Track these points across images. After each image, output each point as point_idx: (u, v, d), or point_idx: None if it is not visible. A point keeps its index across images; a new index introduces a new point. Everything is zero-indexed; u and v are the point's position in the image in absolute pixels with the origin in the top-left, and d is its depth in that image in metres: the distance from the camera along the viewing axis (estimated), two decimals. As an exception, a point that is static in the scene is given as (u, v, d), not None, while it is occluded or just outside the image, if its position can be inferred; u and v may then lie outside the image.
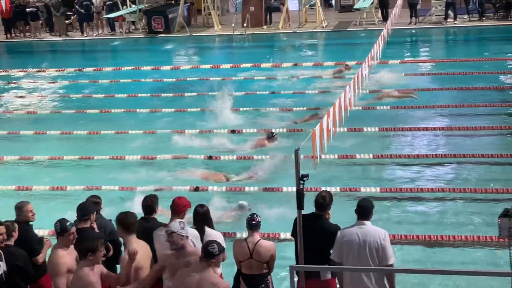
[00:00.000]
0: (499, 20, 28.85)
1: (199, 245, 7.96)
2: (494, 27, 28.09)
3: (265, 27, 30.80)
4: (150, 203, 8.28)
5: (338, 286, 7.94)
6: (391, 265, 7.54)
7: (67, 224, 7.56)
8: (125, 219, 7.78)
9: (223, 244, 8.23)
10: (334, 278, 7.96)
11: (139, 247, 7.61)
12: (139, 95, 20.49)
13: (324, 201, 8.07)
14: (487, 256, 10.23)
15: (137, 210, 8.62)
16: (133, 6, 32.25)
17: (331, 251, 7.79)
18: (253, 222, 8.17)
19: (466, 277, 9.38)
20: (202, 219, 8.25)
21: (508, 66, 21.49)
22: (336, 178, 13.25)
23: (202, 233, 8.10)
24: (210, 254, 7.11)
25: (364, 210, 7.69)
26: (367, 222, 7.64)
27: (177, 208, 8.06)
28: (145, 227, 8.10)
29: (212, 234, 8.21)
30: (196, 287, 7.08)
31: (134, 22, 32.34)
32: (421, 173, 13.42)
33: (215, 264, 7.22)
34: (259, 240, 8.16)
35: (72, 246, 7.60)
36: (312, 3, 32.03)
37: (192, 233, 7.98)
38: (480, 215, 11.47)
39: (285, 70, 22.55)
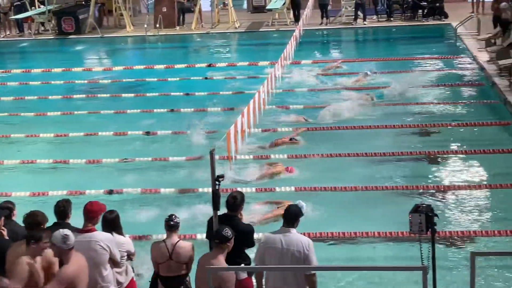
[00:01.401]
0: (406, 20, 29.64)
1: (115, 250, 7.87)
2: (402, 27, 28.85)
3: (178, 28, 30.67)
4: (63, 208, 8.11)
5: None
6: (314, 274, 7.50)
7: None
8: (26, 219, 7.64)
9: (132, 250, 8.18)
10: (250, 277, 8.02)
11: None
12: (50, 97, 20.05)
13: (235, 201, 8.08)
14: (398, 251, 10.49)
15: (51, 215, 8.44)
16: (42, 6, 31.48)
17: (253, 255, 7.82)
18: (172, 223, 8.12)
19: (379, 272, 9.59)
20: (110, 225, 8.15)
21: (411, 65, 22.02)
22: (251, 178, 13.31)
23: None
24: (225, 238, 7.28)
25: (291, 217, 7.61)
26: (293, 230, 7.56)
27: (89, 214, 7.92)
28: (59, 232, 7.94)
29: (120, 240, 8.13)
30: (203, 271, 7.17)
31: (43, 23, 31.55)
32: (334, 171, 13.60)
33: (228, 249, 7.39)
34: (178, 241, 8.13)
35: None
36: (225, 3, 32.08)
37: (107, 237, 7.89)
38: (391, 211, 11.72)
39: (199, 71, 22.54)
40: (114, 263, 7.93)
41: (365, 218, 11.60)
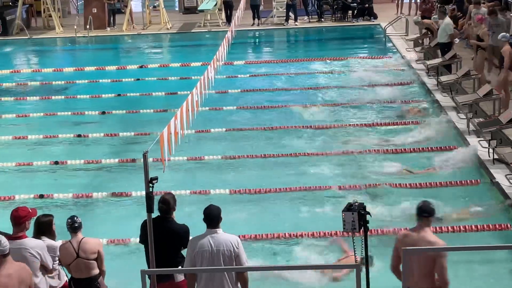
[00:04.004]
0: (336, 21, 30.04)
1: (46, 257, 7.72)
2: (332, 28, 29.21)
3: (108, 29, 30.32)
4: None
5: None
6: (246, 271, 7.51)
7: None
8: None
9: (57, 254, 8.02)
10: (186, 279, 7.98)
11: None
12: (-23, 100, 19.61)
13: (168, 206, 8.04)
14: (333, 250, 10.60)
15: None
16: (-33, 7, 30.73)
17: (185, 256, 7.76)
18: (76, 225, 8.09)
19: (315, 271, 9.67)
20: (42, 228, 8.04)
21: (342, 65, 22.31)
22: (185, 180, 13.27)
23: None
24: (434, 211, 7.47)
25: (212, 218, 7.55)
26: (219, 230, 7.54)
27: (17, 221, 7.72)
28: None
29: (52, 245, 8.02)
30: (413, 245, 7.24)
31: (-32, 24, 30.78)
32: (270, 173, 13.65)
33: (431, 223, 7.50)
34: (82, 238, 8.08)
35: None
36: (156, 4, 31.88)
37: (38, 244, 7.73)
38: (323, 210, 11.84)
39: (131, 73, 22.35)
40: (46, 269, 7.79)
41: (303, 217, 11.69)
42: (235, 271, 7.49)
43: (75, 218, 8.12)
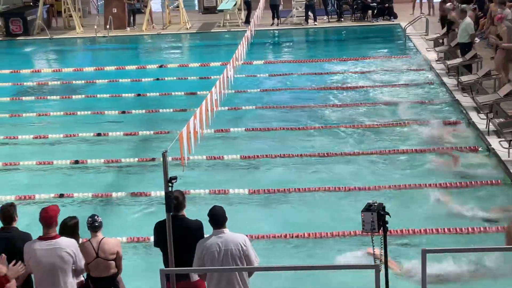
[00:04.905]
0: (356, 21, 29.95)
1: (80, 256, 7.77)
2: (352, 28, 29.13)
3: (128, 29, 30.44)
4: (8, 213, 7.96)
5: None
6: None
7: None
8: None
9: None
10: (203, 280, 7.97)
11: None
12: (-2, 99, 19.76)
13: (177, 202, 7.99)
14: (352, 250, 10.57)
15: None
16: (-11, 7, 30.99)
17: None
18: (96, 224, 8.07)
19: (327, 272, 9.64)
20: (69, 231, 8.05)
21: (361, 65, 22.26)
22: (205, 179, 13.29)
23: None
24: None
25: (217, 219, 7.54)
26: (226, 230, 7.52)
27: (47, 221, 7.71)
28: (6, 237, 7.81)
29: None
30: None
31: (-10, 24, 31.04)
32: (289, 173, 13.64)
33: None
34: (102, 238, 8.09)
35: None
36: (175, 4, 31.97)
37: (72, 243, 7.73)
38: (344, 210, 11.81)
39: (150, 72, 22.42)
40: (76, 269, 7.79)
41: (322, 217, 11.66)
42: (249, 271, 7.49)
43: (96, 217, 8.12)
